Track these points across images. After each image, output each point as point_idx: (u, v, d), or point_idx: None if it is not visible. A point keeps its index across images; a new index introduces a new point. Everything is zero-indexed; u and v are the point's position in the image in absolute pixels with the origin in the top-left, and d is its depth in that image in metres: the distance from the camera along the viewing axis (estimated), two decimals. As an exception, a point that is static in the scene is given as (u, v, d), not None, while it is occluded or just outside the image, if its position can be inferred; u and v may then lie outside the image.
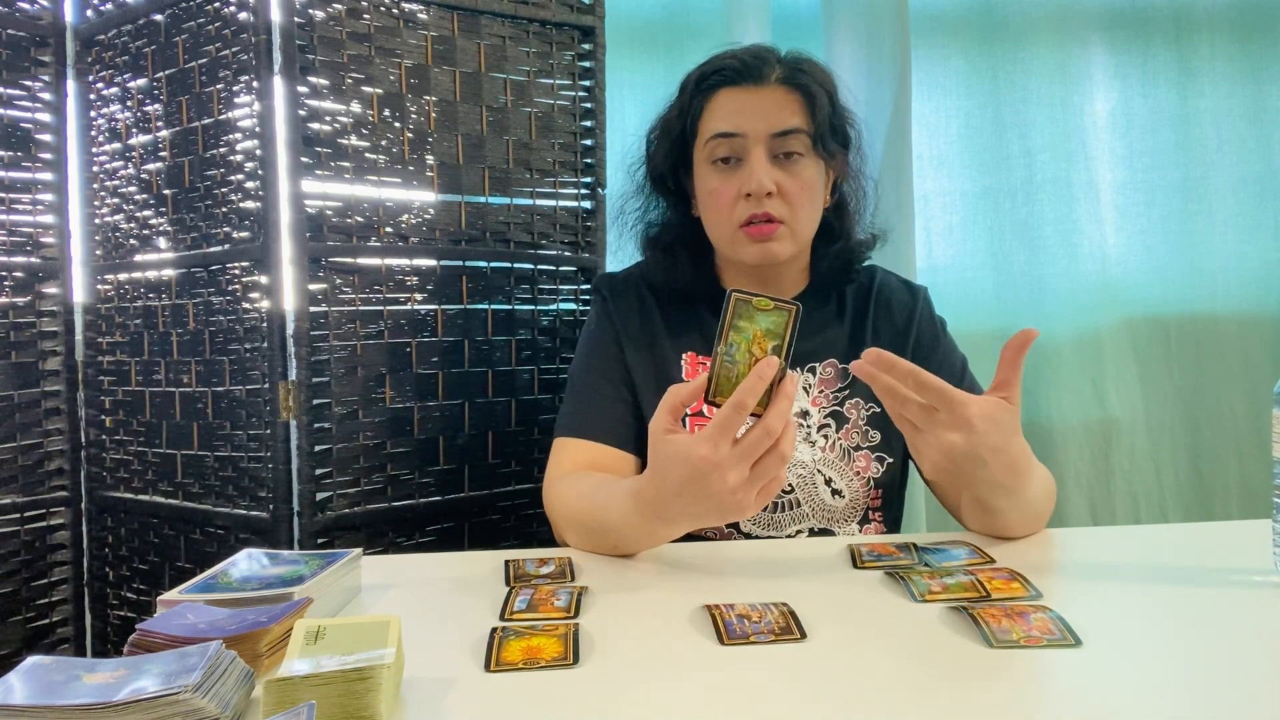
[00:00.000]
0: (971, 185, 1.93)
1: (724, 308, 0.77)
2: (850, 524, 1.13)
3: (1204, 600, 0.77)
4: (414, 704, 0.60)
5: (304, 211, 1.35)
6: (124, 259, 1.54)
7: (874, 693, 0.61)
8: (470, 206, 1.50)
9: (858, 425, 1.15)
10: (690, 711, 0.59)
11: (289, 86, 1.33)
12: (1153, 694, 0.60)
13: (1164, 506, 1.96)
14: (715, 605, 0.76)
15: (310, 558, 0.82)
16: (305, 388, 1.35)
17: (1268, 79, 1.96)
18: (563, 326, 1.61)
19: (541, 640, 0.69)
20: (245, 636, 0.64)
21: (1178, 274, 1.97)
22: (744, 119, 1.08)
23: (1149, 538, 1.06)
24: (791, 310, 0.76)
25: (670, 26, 1.87)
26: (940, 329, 1.21)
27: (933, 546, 0.94)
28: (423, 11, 1.45)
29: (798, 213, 1.10)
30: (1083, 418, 1.92)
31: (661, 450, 0.81)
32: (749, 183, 1.07)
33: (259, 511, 1.38)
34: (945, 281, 1.92)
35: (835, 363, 1.17)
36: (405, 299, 1.45)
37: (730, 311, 0.77)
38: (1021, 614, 0.71)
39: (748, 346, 0.77)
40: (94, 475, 1.58)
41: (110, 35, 1.53)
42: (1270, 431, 0.80)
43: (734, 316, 0.77)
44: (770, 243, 1.10)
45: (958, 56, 1.91)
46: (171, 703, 0.53)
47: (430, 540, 1.48)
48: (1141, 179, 1.96)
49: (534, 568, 0.90)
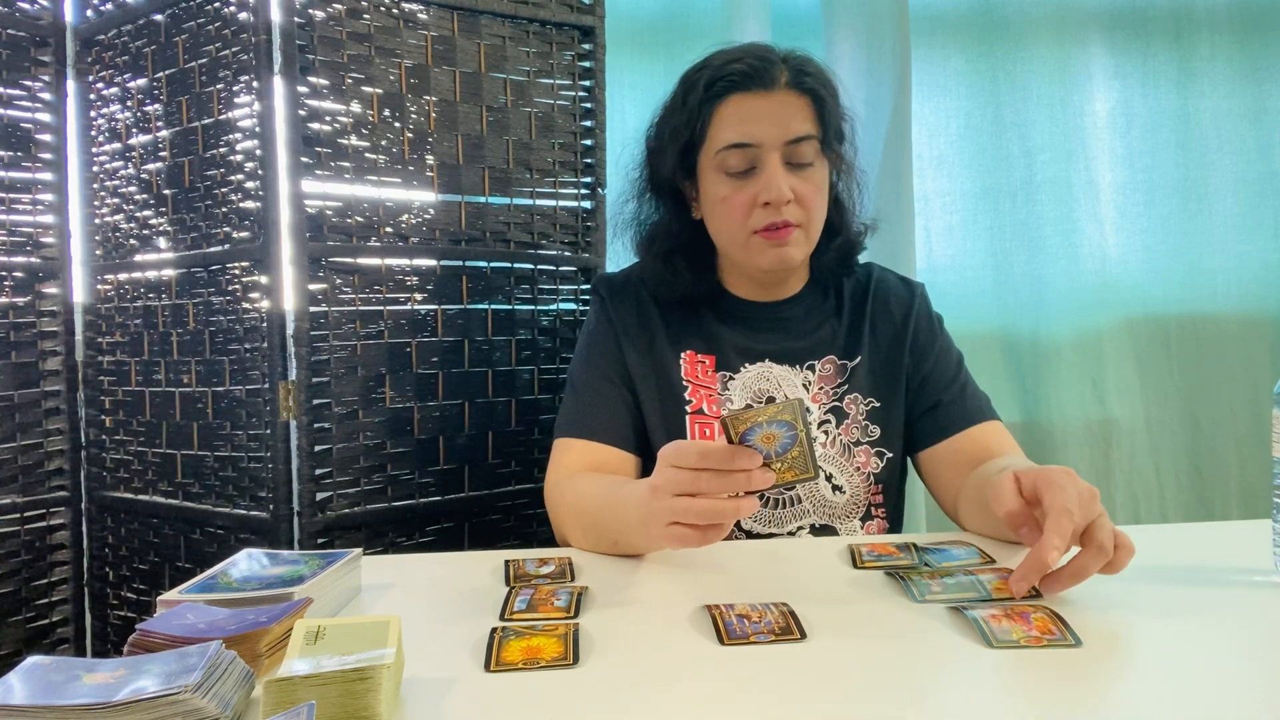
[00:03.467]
0: (971, 185, 1.93)
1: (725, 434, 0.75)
2: (852, 520, 1.13)
3: (1204, 600, 0.77)
4: (414, 704, 0.60)
5: (304, 211, 1.35)
6: (124, 259, 1.54)
7: (874, 693, 0.61)
8: (470, 206, 1.50)
9: (857, 420, 1.15)
10: (690, 711, 0.59)
11: (289, 86, 1.33)
12: (1153, 694, 0.60)
13: (1164, 506, 1.96)
14: (715, 605, 0.76)
15: (310, 558, 0.82)
16: (305, 388, 1.34)
17: (1268, 79, 1.96)
18: (563, 326, 1.61)
19: (541, 640, 0.69)
20: (245, 636, 0.64)
21: (1178, 274, 1.97)
22: (757, 128, 1.07)
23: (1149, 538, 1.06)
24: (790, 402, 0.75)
25: (670, 26, 1.87)
26: (937, 325, 1.21)
27: (933, 546, 0.94)
28: (423, 11, 1.45)
29: (812, 215, 1.10)
30: (1083, 418, 1.92)
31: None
32: (768, 192, 1.06)
33: (259, 511, 1.38)
34: (945, 281, 1.92)
35: (834, 359, 1.17)
36: (405, 299, 1.45)
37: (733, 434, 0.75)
38: (1021, 614, 0.71)
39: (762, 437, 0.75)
40: (94, 475, 1.58)
41: (110, 35, 1.53)
42: (1270, 431, 0.80)
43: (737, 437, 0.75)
44: (786, 248, 1.09)
45: (958, 56, 1.91)
46: (171, 703, 0.53)
47: (430, 540, 1.48)
48: (1141, 179, 1.96)
49: (534, 568, 0.90)
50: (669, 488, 0.77)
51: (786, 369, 1.16)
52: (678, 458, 0.78)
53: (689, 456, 0.77)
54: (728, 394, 1.15)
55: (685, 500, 0.77)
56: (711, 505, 0.76)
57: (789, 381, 1.16)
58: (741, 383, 1.15)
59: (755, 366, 1.16)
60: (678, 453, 0.78)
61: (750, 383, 1.15)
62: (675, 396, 1.14)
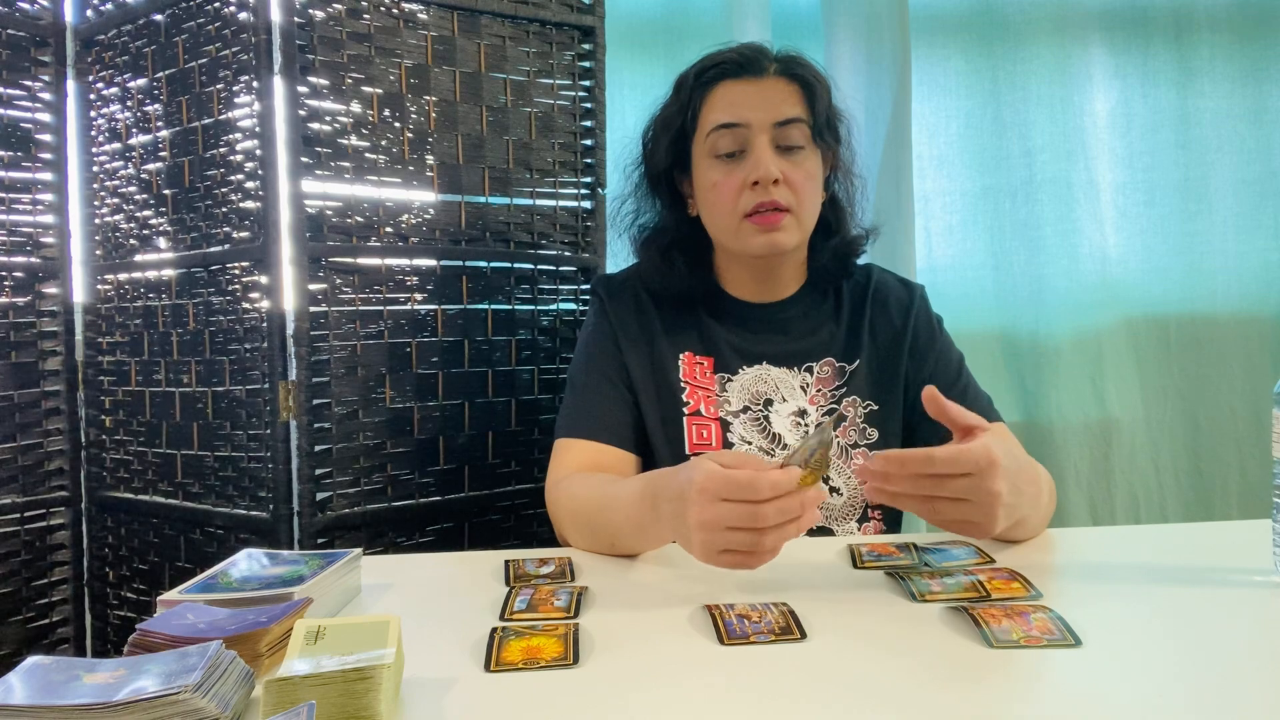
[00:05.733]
0: (971, 185, 1.93)
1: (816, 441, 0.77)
2: (848, 522, 1.13)
3: (1204, 600, 0.77)
4: (414, 704, 0.60)
5: (304, 211, 1.35)
6: (124, 259, 1.54)
7: (874, 693, 0.61)
8: (470, 206, 1.50)
9: (855, 423, 1.15)
10: (690, 711, 0.59)
11: (289, 86, 1.33)
12: (1153, 694, 0.60)
13: (1164, 506, 1.96)
14: (715, 605, 0.76)
15: (310, 558, 0.82)
16: (305, 388, 1.34)
17: (1268, 79, 1.96)
18: (563, 326, 1.61)
19: (541, 640, 0.69)
20: (245, 636, 0.64)
21: (1178, 274, 1.96)
22: (746, 109, 1.09)
23: (1149, 538, 1.07)
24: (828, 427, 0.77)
25: (670, 26, 1.87)
26: (937, 326, 1.21)
27: (933, 546, 0.94)
28: (423, 11, 1.45)
29: (803, 201, 1.11)
30: (1083, 418, 1.92)
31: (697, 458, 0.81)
32: (755, 171, 1.07)
33: (259, 511, 1.38)
34: (945, 281, 1.92)
35: (832, 361, 1.17)
36: (405, 299, 1.45)
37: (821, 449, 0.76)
38: (1021, 614, 0.71)
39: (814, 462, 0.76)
40: (94, 475, 1.58)
41: (110, 35, 1.53)
42: (1270, 431, 0.80)
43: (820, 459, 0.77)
44: (777, 233, 1.10)
45: (958, 56, 1.91)
46: (171, 703, 0.53)
47: (430, 540, 1.48)
48: (1141, 179, 1.96)
49: (534, 568, 0.90)
50: (725, 521, 0.75)
51: (784, 371, 1.16)
52: (727, 490, 0.75)
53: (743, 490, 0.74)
54: (725, 395, 1.15)
55: (746, 535, 0.75)
56: (778, 536, 0.75)
57: (787, 384, 1.16)
58: (739, 384, 1.15)
59: (753, 368, 1.16)
60: (726, 485, 0.75)
61: (748, 384, 1.15)
62: (673, 397, 1.14)
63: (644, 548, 0.95)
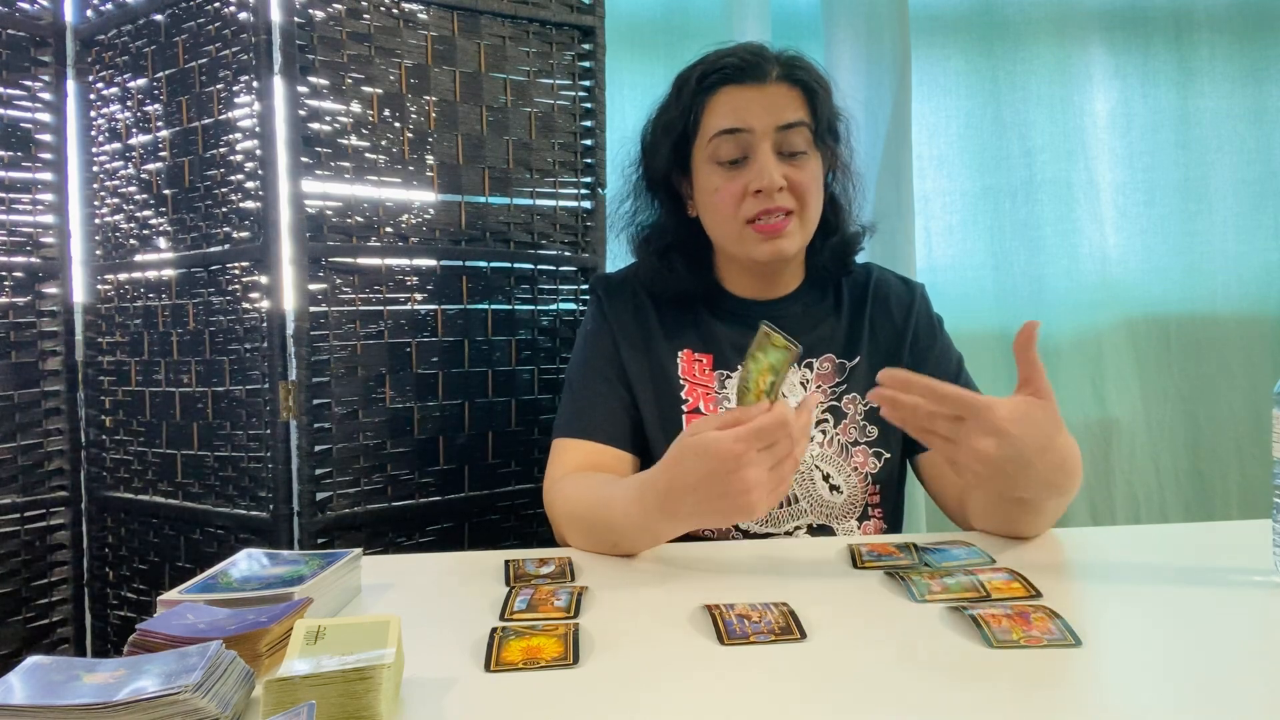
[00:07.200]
0: (971, 185, 1.93)
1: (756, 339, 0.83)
2: (849, 520, 1.13)
3: (1204, 600, 0.77)
4: (414, 704, 0.60)
5: (304, 211, 1.35)
6: (124, 259, 1.54)
7: (874, 693, 0.61)
8: (470, 206, 1.50)
9: (855, 420, 1.15)
10: (690, 711, 0.59)
11: (289, 86, 1.33)
12: (1153, 694, 0.60)
13: (1164, 506, 1.96)
14: (715, 605, 0.76)
15: (310, 558, 0.82)
16: (305, 388, 1.34)
17: (1268, 79, 1.96)
18: (563, 326, 1.61)
19: (541, 640, 0.69)
20: (245, 636, 0.64)
21: (1178, 274, 1.97)
22: (749, 114, 1.09)
23: (1149, 538, 1.07)
24: (793, 352, 0.83)
25: (670, 26, 1.87)
26: (937, 326, 1.21)
27: (933, 546, 0.94)
28: (423, 11, 1.45)
29: (806, 205, 1.11)
30: (1083, 418, 1.92)
31: (688, 443, 0.83)
32: (759, 179, 1.07)
33: (259, 511, 1.38)
34: (945, 281, 1.92)
35: (832, 358, 1.17)
36: (405, 299, 1.45)
37: (755, 343, 0.83)
38: (1021, 614, 0.71)
39: (759, 374, 0.83)
40: (94, 475, 1.58)
41: (110, 35, 1.53)
42: (1270, 431, 0.80)
43: (756, 347, 0.83)
44: (780, 240, 1.10)
45: (958, 56, 1.92)
46: (171, 703, 0.53)
47: (430, 540, 1.48)
48: (1141, 179, 1.96)
49: (534, 568, 0.90)
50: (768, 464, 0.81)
51: None
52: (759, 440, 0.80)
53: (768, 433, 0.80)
54: (725, 393, 1.15)
55: (789, 463, 0.82)
56: (802, 449, 0.83)
57: (786, 380, 1.15)
58: (739, 381, 1.15)
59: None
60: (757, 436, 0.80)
61: None
62: (672, 395, 1.14)
63: (643, 546, 0.95)
